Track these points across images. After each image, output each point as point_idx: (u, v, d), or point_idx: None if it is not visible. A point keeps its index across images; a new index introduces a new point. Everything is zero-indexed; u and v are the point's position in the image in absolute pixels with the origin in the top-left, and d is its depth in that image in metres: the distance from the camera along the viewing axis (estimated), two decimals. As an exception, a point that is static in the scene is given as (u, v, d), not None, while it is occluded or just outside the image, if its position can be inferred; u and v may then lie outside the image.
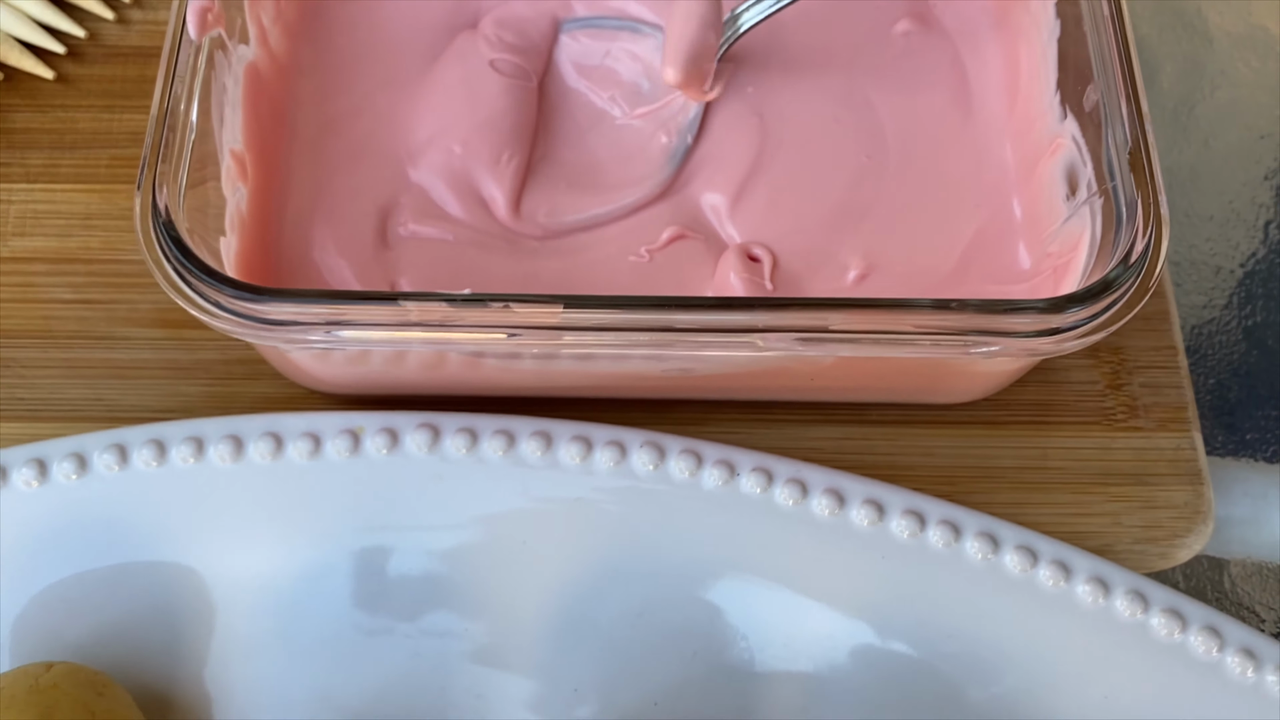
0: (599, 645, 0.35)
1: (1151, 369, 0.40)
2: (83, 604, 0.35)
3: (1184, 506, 0.38)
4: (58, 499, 0.35)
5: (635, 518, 0.35)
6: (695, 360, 0.33)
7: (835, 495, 0.35)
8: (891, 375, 0.34)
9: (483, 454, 0.36)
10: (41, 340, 0.39)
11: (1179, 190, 0.46)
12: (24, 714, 0.31)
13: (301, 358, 0.35)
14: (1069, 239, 0.34)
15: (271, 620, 0.35)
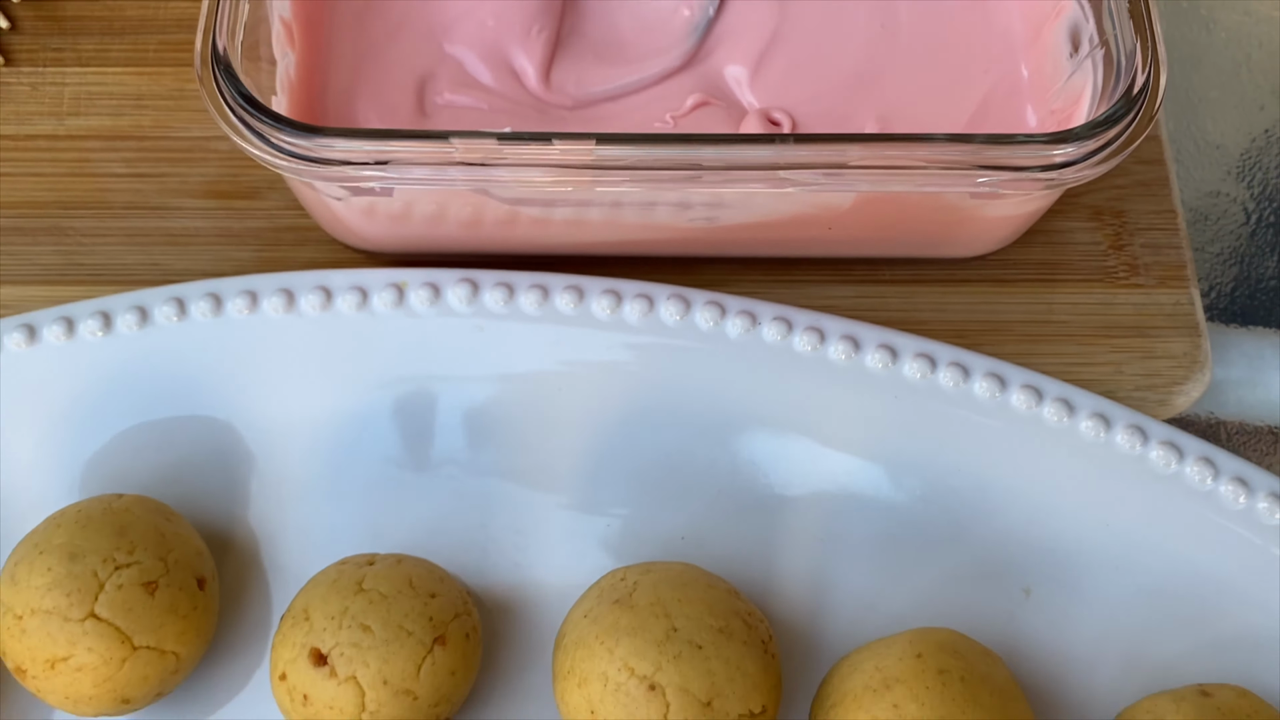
0: (630, 485, 0.37)
1: (1152, 230, 0.42)
2: (146, 449, 0.37)
3: (1182, 357, 0.40)
4: (122, 350, 0.37)
5: (663, 366, 0.38)
6: (720, 205, 0.35)
7: (851, 341, 0.38)
8: (905, 223, 0.36)
9: (519, 307, 0.38)
10: (98, 210, 0.41)
11: (1180, 71, 0.48)
12: (100, 530, 0.33)
13: (349, 215, 0.37)
14: (1072, 93, 0.36)
15: (322, 463, 0.38)
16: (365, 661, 0.32)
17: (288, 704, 0.33)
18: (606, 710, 0.32)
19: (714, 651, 0.32)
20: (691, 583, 0.34)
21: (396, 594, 0.33)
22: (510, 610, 0.36)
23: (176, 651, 0.33)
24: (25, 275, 0.40)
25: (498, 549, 0.37)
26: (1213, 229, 0.46)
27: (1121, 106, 0.32)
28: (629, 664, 0.32)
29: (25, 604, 0.32)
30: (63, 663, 0.32)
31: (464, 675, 0.33)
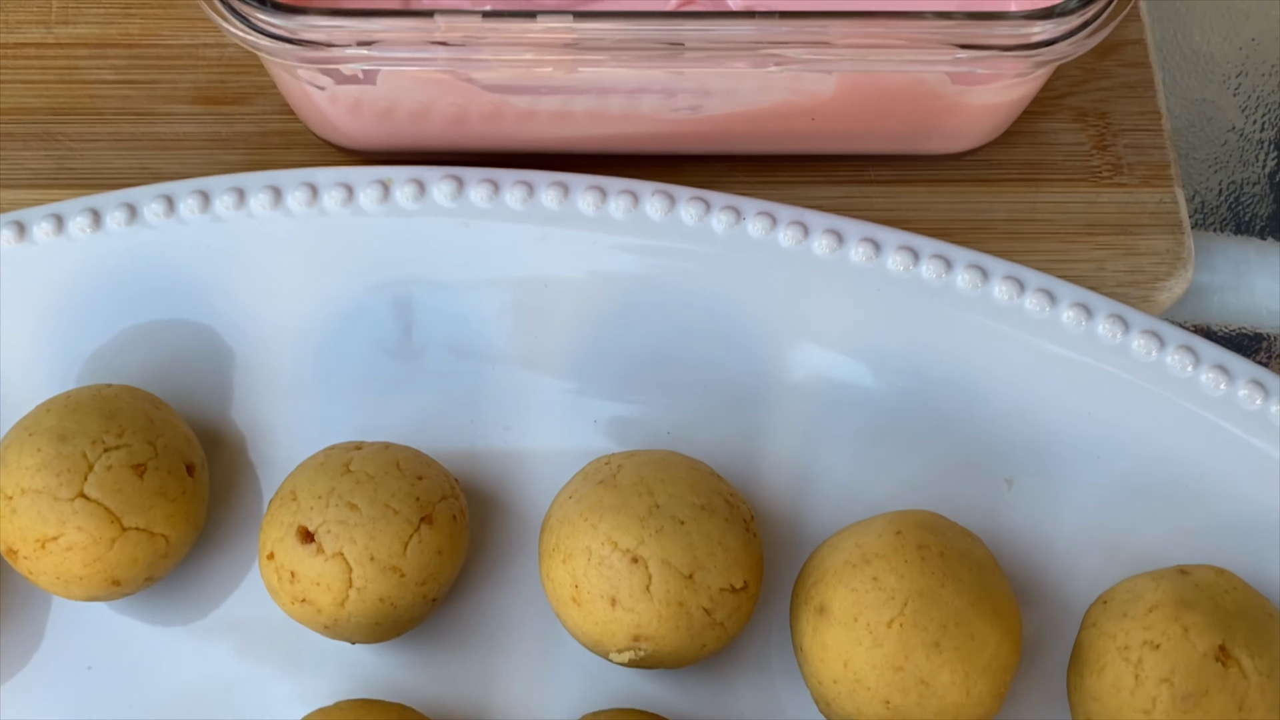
0: (616, 381, 0.38)
1: (1136, 131, 0.42)
2: (135, 345, 0.38)
3: (1165, 253, 0.40)
4: (111, 248, 0.38)
5: (648, 262, 0.38)
6: (705, 93, 0.35)
7: (835, 235, 0.38)
8: (888, 112, 0.37)
9: (505, 203, 0.38)
10: (88, 116, 0.41)
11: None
12: (89, 414, 0.33)
13: (335, 112, 0.37)
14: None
15: (309, 359, 0.38)
16: (352, 539, 0.32)
17: (275, 582, 0.33)
18: (590, 583, 0.32)
19: (695, 527, 0.32)
20: (674, 465, 0.34)
21: (383, 475, 0.33)
22: (497, 499, 0.37)
23: (166, 534, 0.34)
24: (17, 179, 0.41)
25: (485, 441, 0.37)
26: (1199, 136, 0.46)
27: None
28: (612, 538, 0.32)
29: (15, 484, 0.33)
30: (53, 542, 0.33)
31: (450, 556, 0.34)
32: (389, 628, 0.33)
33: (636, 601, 0.32)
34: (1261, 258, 0.45)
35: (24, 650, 0.36)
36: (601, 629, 0.32)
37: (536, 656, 0.35)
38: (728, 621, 0.33)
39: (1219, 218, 0.45)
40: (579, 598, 0.33)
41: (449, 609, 0.36)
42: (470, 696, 0.35)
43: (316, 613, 0.33)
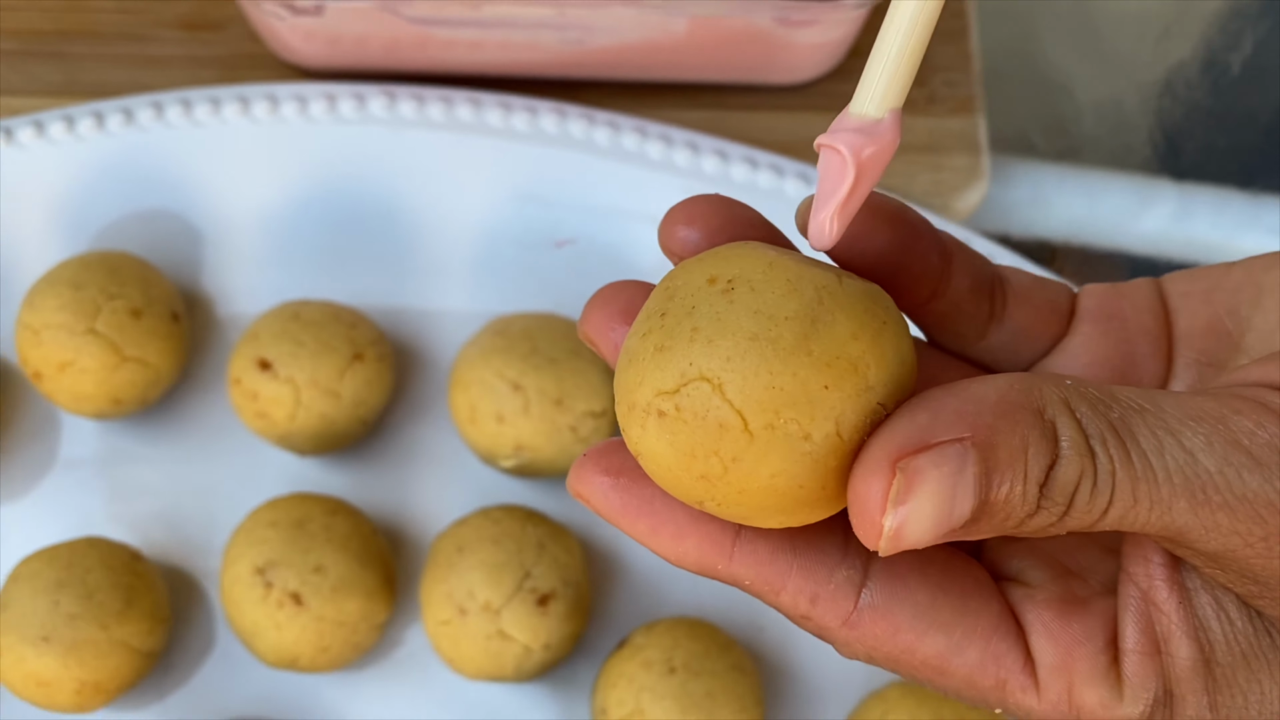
0: (513, 257, 0.47)
1: (950, 70, 0.52)
2: (130, 222, 0.47)
3: (964, 169, 0.50)
4: (112, 144, 0.47)
5: (544, 161, 0.47)
6: (587, 28, 0.44)
7: (692, 147, 0.47)
8: (730, 48, 0.46)
9: (428, 115, 0.47)
10: (91, 38, 0.50)
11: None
12: (97, 270, 0.43)
13: (293, 38, 0.46)
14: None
15: (270, 236, 0.47)
16: (300, 367, 0.42)
17: (240, 401, 0.43)
18: (483, 405, 0.42)
19: (565, 365, 0.42)
20: (554, 321, 0.44)
21: (325, 322, 0.43)
22: (418, 349, 0.46)
23: (157, 365, 0.43)
24: (32, 89, 0.50)
25: (409, 302, 0.47)
26: (1009, 77, 0.55)
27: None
28: (500, 371, 0.42)
29: (41, 321, 0.42)
30: (70, 365, 0.42)
31: (379, 387, 0.43)
32: (329, 440, 0.43)
33: (518, 419, 0.42)
34: (1054, 179, 0.54)
35: (39, 466, 0.45)
36: (491, 441, 0.42)
37: (444, 467, 0.45)
38: (590, 438, 0.43)
39: (1021, 144, 0.55)
40: (474, 418, 0.42)
41: (378, 433, 0.45)
42: (392, 498, 0.45)
43: (272, 425, 0.43)
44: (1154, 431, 0.21)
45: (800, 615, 0.23)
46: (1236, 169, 0.55)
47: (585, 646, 0.43)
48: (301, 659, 0.41)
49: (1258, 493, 0.21)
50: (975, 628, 0.23)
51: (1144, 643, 0.23)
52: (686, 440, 0.21)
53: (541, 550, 0.41)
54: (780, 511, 0.21)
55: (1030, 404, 0.21)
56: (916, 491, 0.20)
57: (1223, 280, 0.26)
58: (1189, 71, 0.57)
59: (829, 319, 0.21)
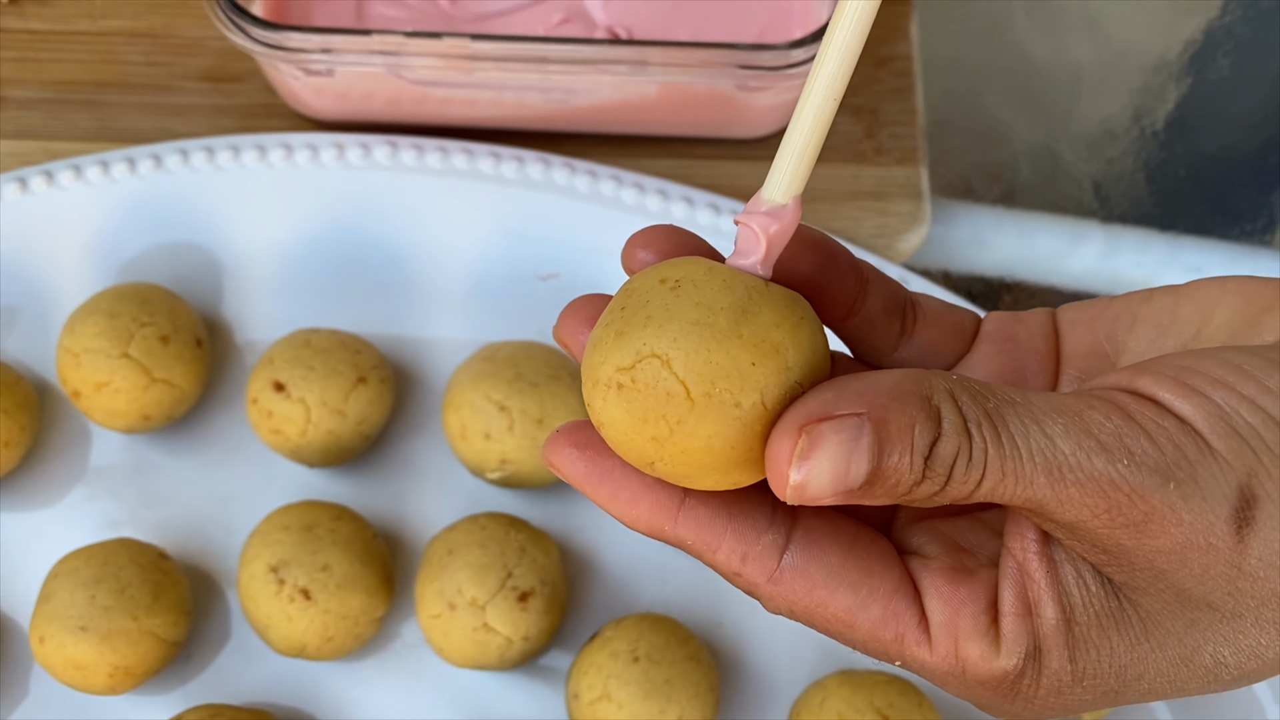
0: (500, 292, 0.53)
1: (896, 124, 0.57)
2: (156, 257, 0.52)
3: (907, 214, 0.55)
4: (141, 186, 0.52)
5: (530, 204, 0.53)
6: (570, 91, 0.50)
7: (661, 194, 0.53)
8: (698, 108, 0.51)
9: (426, 162, 0.53)
10: (121, 89, 0.56)
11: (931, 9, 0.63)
12: (130, 301, 0.48)
13: (306, 93, 0.52)
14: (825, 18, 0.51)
15: (282, 271, 0.53)
16: (311, 389, 0.47)
17: (257, 419, 0.48)
18: (473, 424, 0.47)
19: (546, 388, 0.48)
20: (536, 348, 0.49)
21: (333, 348, 0.48)
22: (416, 372, 0.52)
23: (182, 386, 0.48)
24: (68, 135, 0.55)
25: (408, 331, 0.52)
26: (952, 127, 0.61)
27: (828, 27, 0.47)
28: (488, 394, 0.47)
29: (80, 345, 0.47)
30: (105, 386, 0.47)
31: (380, 406, 0.49)
32: (335, 454, 0.49)
33: (503, 436, 0.47)
34: (993, 221, 0.60)
35: (73, 476, 0.51)
36: (479, 456, 0.48)
37: (437, 479, 0.50)
38: (566, 454, 0.48)
39: (962, 189, 0.60)
40: (465, 434, 0.48)
41: (379, 447, 0.51)
42: (391, 505, 0.50)
43: (285, 440, 0.48)
44: (1022, 420, 0.25)
45: (732, 572, 0.27)
46: (1159, 213, 0.61)
47: (561, 638, 0.48)
48: (309, 648, 0.46)
49: (1103, 472, 0.24)
50: (879, 588, 0.27)
51: (1018, 606, 0.26)
52: (640, 407, 0.25)
53: (522, 553, 0.46)
54: (716, 470, 0.25)
55: (920, 391, 0.25)
56: (818, 451, 0.24)
57: (1105, 310, 0.31)
58: (1118, 124, 0.62)
59: (756, 310, 0.25)
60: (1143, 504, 0.24)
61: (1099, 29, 0.64)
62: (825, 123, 0.26)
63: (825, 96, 0.26)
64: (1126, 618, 0.26)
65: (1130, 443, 0.24)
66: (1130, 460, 0.24)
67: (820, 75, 0.26)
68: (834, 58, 0.26)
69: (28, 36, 0.56)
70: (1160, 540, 0.24)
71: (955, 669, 0.27)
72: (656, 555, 0.50)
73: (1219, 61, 0.64)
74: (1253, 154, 0.63)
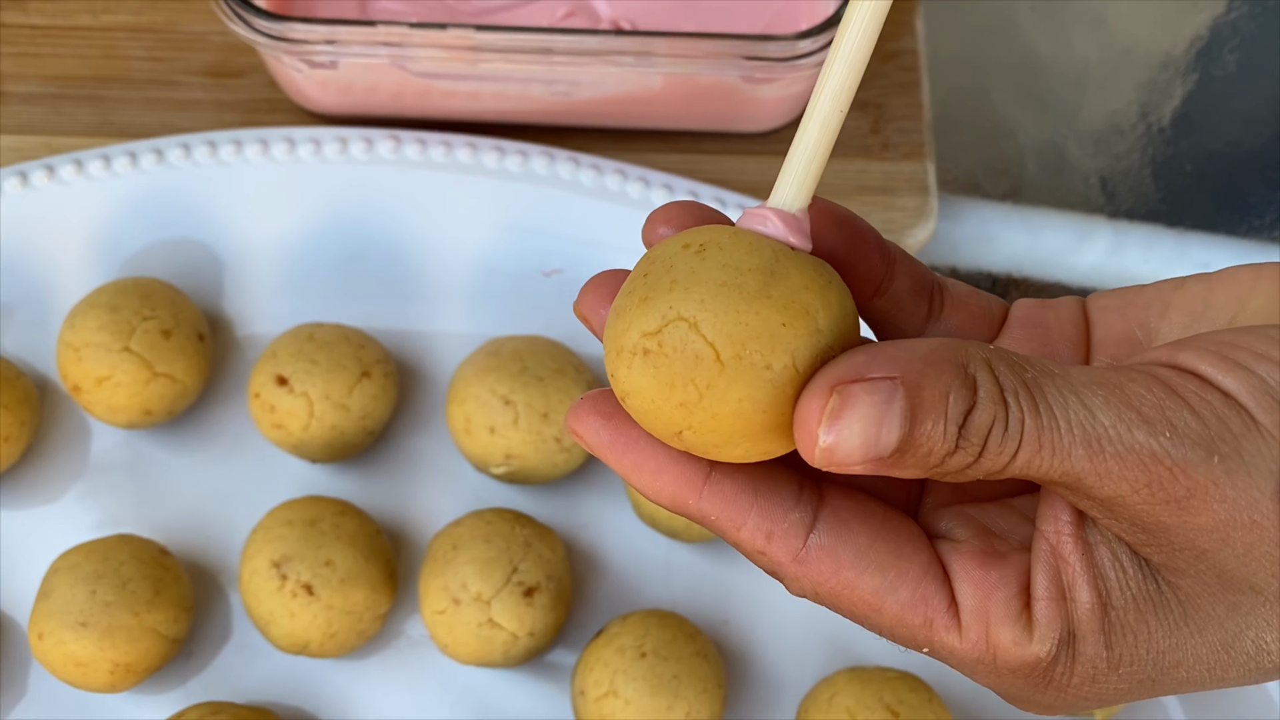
0: (507, 287, 0.52)
1: (902, 119, 0.57)
2: (159, 251, 0.52)
3: (913, 209, 0.55)
4: (144, 180, 0.52)
5: (534, 199, 0.52)
6: (573, 83, 0.49)
7: (667, 188, 0.52)
8: (702, 100, 0.51)
9: (430, 156, 0.53)
10: (124, 84, 0.55)
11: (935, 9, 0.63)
12: (132, 295, 0.48)
13: (309, 87, 0.51)
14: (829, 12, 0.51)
15: (286, 265, 0.52)
16: (314, 383, 0.47)
17: (259, 413, 0.48)
18: (477, 418, 0.47)
19: (552, 382, 0.47)
20: (541, 343, 0.49)
21: (336, 342, 0.48)
22: (420, 367, 0.51)
23: (183, 380, 0.48)
24: (71, 129, 0.55)
25: (412, 325, 0.52)
26: (959, 123, 0.61)
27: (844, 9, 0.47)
28: (493, 388, 0.47)
29: (81, 340, 0.47)
30: (106, 380, 0.47)
31: (383, 401, 0.48)
32: (338, 449, 0.48)
33: (508, 430, 0.47)
34: (999, 216, 0.60)
35: (74, 471, 0.50)
36: (484, 450, 0.47)
37: (441, 473, 0.50)
38: (572, 449, 0.47)
39: (969, 185, 0.60)
40: (469, 429, 0.47)
41: (382, 442, 0.50)
42: (395, 500, 0.50)
43: (288, 435, 0.47)
44: (1060, 391, 0.24)
45: (756, 550, 0.26)
46: (1165, 209, 0.61)
47: (567, 634, 0.48)
48: (312, 644, 0.45)
49: (1143, 445, 0.23)
50: (908, 570, 0.26)
51: (1052, 589, 0.25)
52: (667, 371, 0.24)
53: (528, 548, 0.46)
54: (746, 437, 0.25)
55: (956, 358, 0.24)
56: (849, 412, 0.23)
57: (1136, 298, 0.30)
58: (1124, 120, 0.62)
59: (784, 272, 0.24)
60: (1185, 479, 0.23)
61: (1105, 25, 0.64)
62: (833, 133, 0.26)
63: (832, 109, 0.26)
64: (1165, 601, 0.25)
65: (1173, 416, 0.24)
66: (1173, 433, 0.24)
67: (827, 86, 0.26)
68: (840, 69, 0.26)
69: (29, 31, 0.56)
70: (1202, 517, 0.24)
71: (985, 656, 0.26)
72: (662, 551, 0.50)
73: (1225, 57, 0.64)
74: (1260, 150, 0.62)
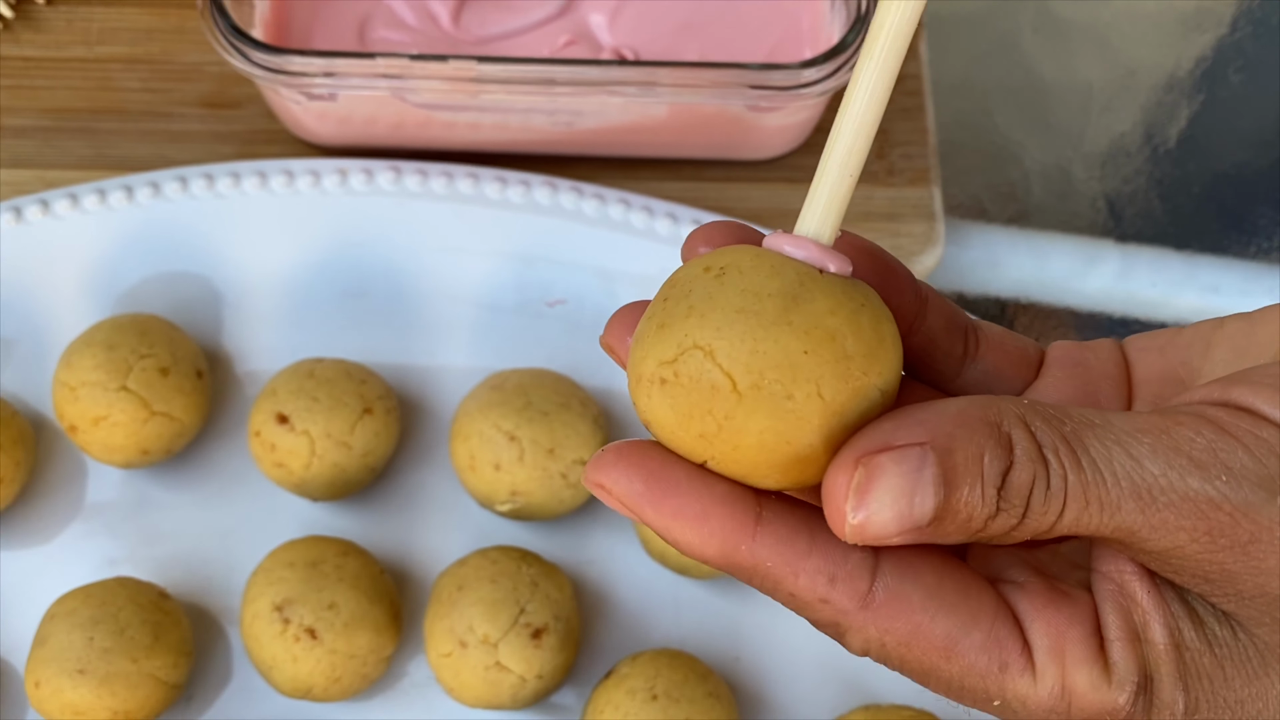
0: (510, 317, 0.51)
1: (908, 144, 0.56)
2: (156, 286, 0.51)
3: (920, 235, 0.54)
4: (139, 214, 0.51)
5: (537, 229, 0.52)
6: (576, 113, 0.49)
7: (671, 217, 0.52)
8: (707, 129, 0.50)
9: (431, 187, 0.52)
10: (119, 115, 0.55)
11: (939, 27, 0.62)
12: (129, 332, 0.47)
13: (307, 118, 0.51)
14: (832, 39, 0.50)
15: (285, 300, 0.51)
16: (315, 421, 0.46)
17: (260, 452, 0.47)
18: (481, 455, 0.46)
19: (557, 417, 0.46)
20: (546, 376, 0.48)
21: (337, 379, 0.47)
22: (422, 402, 0.51)
23: (182, 419, 0.47)
24: (65, 163, 0.54)
25: (414, 360, 0.51)
26: (963, 147, 0.60)
27: (850, 35, 0.46)
28: (497, 424, 0.46)
29: (77, 379, 0.46)
30: (103, 420, 0.46)
31: (386, 438, 0.47)
32: (340, 488, 0.47)
33: (513, 467, 0.46)
34: (1009, 242, 0.59)
35: (69, 512, 0.49)
36: (489, 487, 0.46)
37: (445, 511, 0.49)
38: (578, 485, 0.47)
39: (975, 209, 0.59)
40: (474, 465, 0.46)
41: (385, 480, 0.49)
42: (398, 539, 0.49)
43: (288, 474, 0.47)
44: (1103, 442, 0.23)
45: (818, 599, 0.24)
46: (1173, 232, 0.60)
47: (575, 676, 0.47)
48: (315, 689, 0.44)
49: (1199, 491, 0.23)
50: (979, 611, 0.24)
51: (1124, 630, 0.24)
52: (685, 402, 0.23)
53: (535, 587, 0.45)
54: (775, 469, 0.24)
55: (988, 418, 0.23)
56: (876, 485, 0.23)
57: (1175, 338, 0.29)
58: (1130, 143, 0.62)
59: (808, 297, 0.23)
60: (1247, 523, 0.23)
61: (1109, 46, 0.64)
62: (865, 147, 0.26)
63: (864, 115, 0.25)
64: (1242, 648, 0.24)
65: (1226, 457, 0.23)
66: (1229, 476, 0.23)
67: (858, 92, 0.25)
68: (872, 72, 0.25)
69: (22, 63, 0.55)
70: (1271, 560, 0.23)
71: (1060, 704, 0.24)
72: (671, 587, 0.49)
73: (1231, 78, 0.63)
74: (1267, 170, 0.62)
